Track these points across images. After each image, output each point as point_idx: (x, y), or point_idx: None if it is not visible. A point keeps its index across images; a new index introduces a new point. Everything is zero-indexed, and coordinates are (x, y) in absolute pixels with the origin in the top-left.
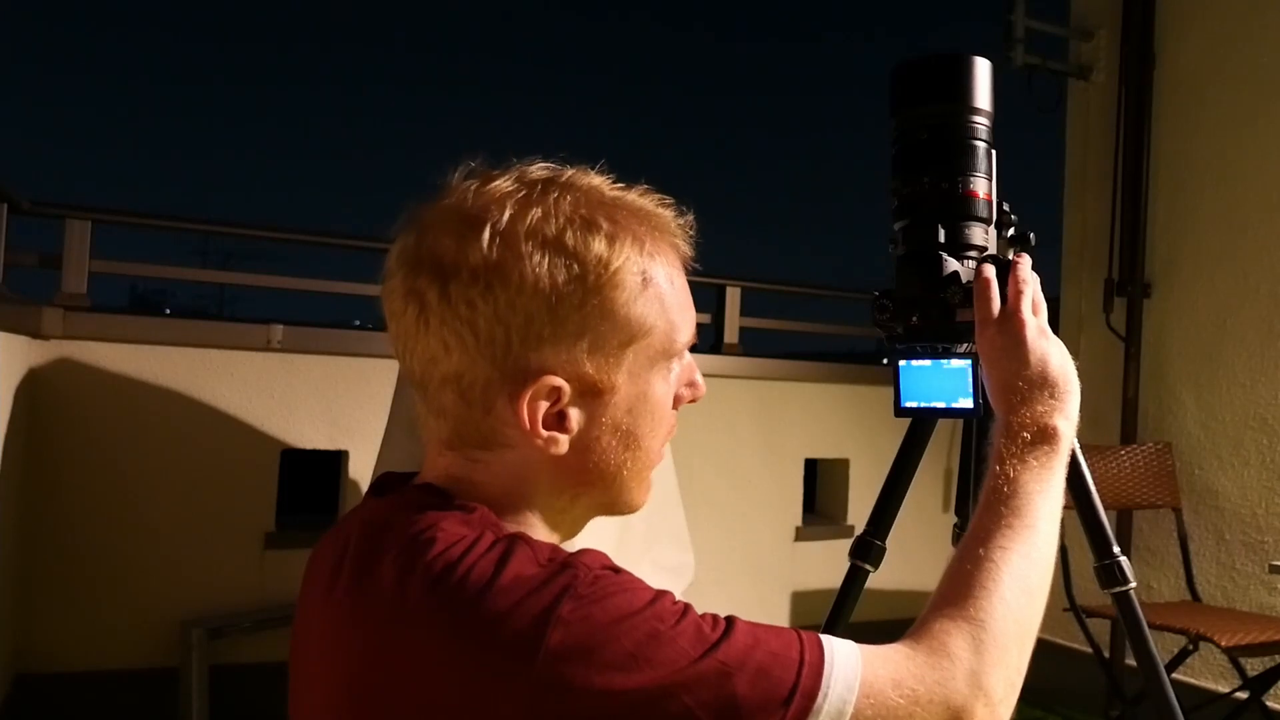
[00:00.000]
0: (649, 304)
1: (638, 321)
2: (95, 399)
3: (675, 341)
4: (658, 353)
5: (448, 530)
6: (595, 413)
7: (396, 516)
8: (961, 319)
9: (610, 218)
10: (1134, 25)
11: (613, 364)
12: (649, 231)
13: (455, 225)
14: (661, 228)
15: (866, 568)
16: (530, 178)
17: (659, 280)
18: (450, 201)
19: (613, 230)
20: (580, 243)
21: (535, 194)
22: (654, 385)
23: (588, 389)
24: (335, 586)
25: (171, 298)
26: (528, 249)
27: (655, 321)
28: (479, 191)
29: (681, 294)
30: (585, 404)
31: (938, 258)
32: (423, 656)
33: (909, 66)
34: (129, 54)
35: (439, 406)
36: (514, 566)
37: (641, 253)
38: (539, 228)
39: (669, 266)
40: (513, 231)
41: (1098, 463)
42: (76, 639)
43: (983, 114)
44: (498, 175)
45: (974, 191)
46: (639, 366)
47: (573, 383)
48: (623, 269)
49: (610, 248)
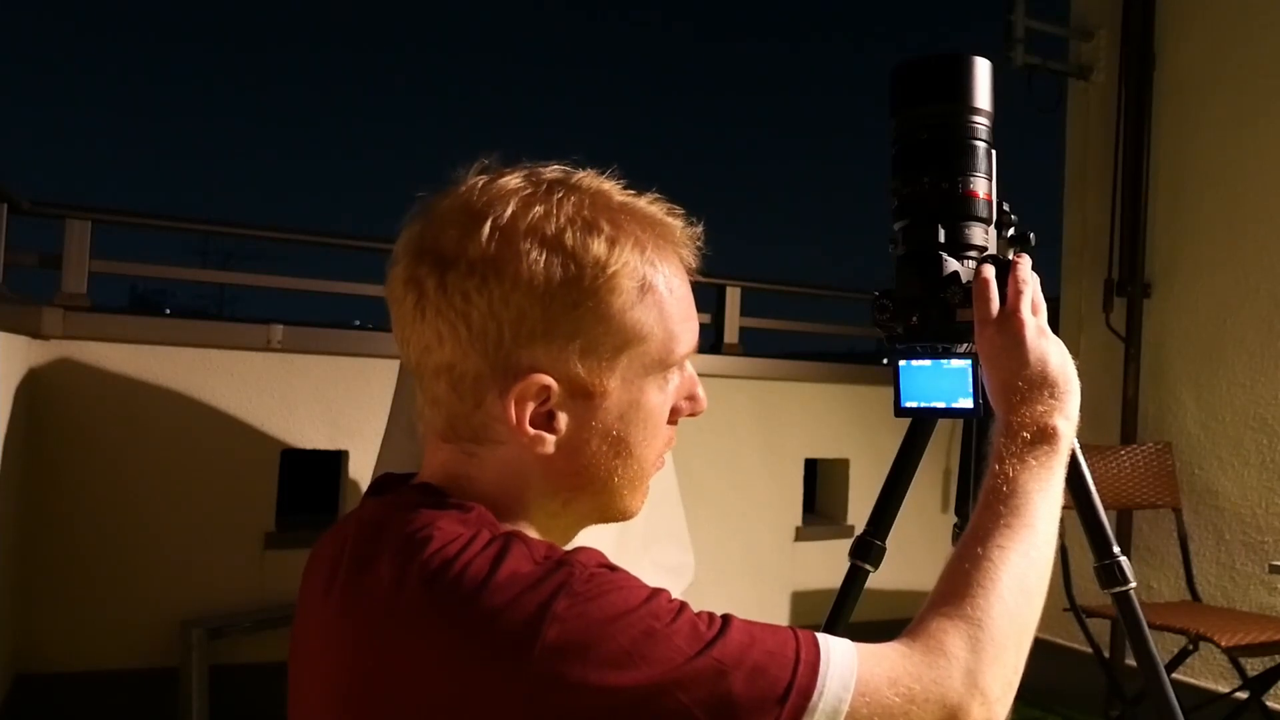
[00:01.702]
0: (646, 311)
1: (633, 327)
2: (95, 399)
3: (673, 351)
4: (654, 361)
5: (444, 528)
6: (585, 416)
7: (393, 515)
8: (961, 319)
9: (613, 222)
10: (1134, 25)
11: (605, 368)
12: (653, 238)
13: (460, 217)
14: (667, 235)
15: (866, 568)
16: (540, 177)
17: (659, 287)
18: (459, 194)
19: (614, 234)
20: (579, 243)
21: (540, 192)
22: (648, 394)
23: (578, 391)
24: (332, 585)
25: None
26: (525, 245)
27: (652, 329)
28: (487, 186)
29: (683, 304)
30: (575, 406)
31: (938, 258)
32: (419, 654)
33: (909, 66)
34: (129, 54)
35: (433, 396)
36: (510, 564)
37: (642, 259)
38: (539, 225)
39: (671, 275)
40: (513, 227)
41: (1098, 463)
42: (76, 639)
43: (983, 114)
44: (509, 172)
45: (974, 191)
46: (633, 373)
47: (563, 383)
48: (620, 273)
49: (610, 251)
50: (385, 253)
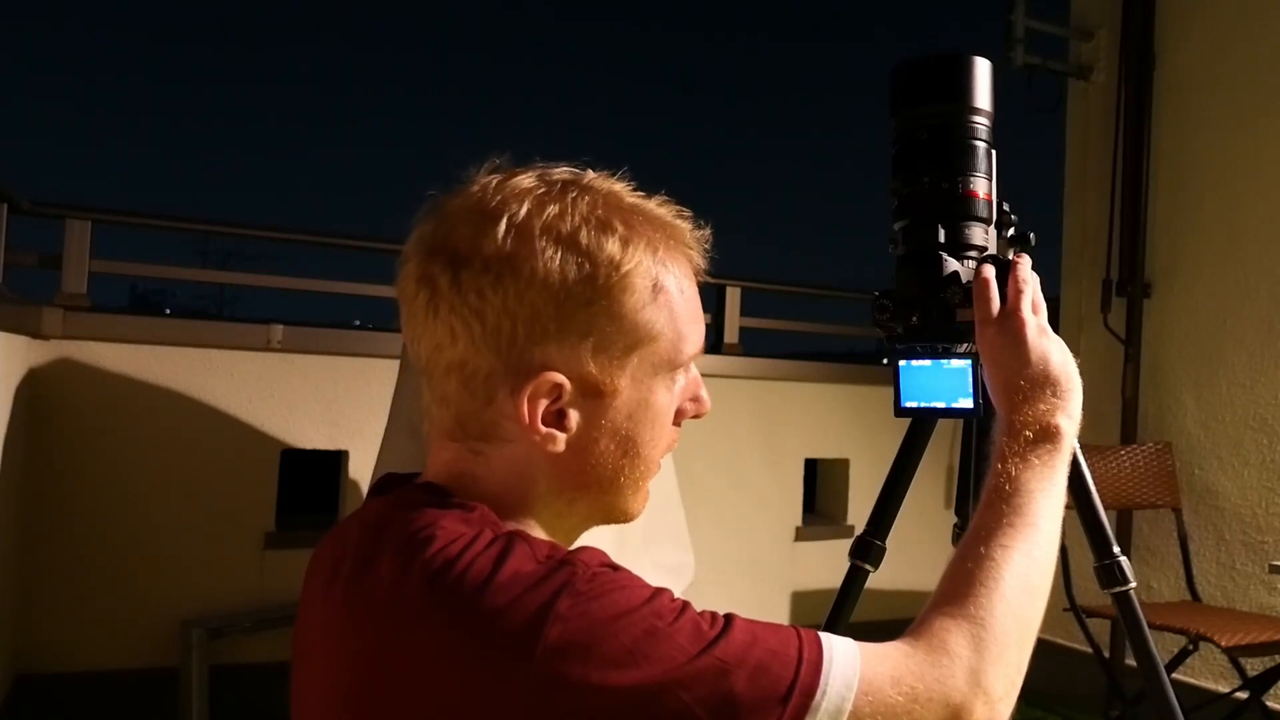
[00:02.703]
0: (658, 311)
1: (645, 327)
2: (95, 399)
3: (682, 352)
4: (663, 361)
5: (447, 528)
6: (595, 415)
7: (396, 515)
8: (961, 319)
9: (626, 222)
10: (1134, 25)
11: (616, 367)
12: (664, 240)
13: (473, 216)
14: (677, 237)
15: (866, 568)
16: (552, 177)
17: (670, 288)
18: (472, 193)
19: (627, 234)
20: (594, 242)
21: (554, 192)
22: (656, 393)
23: (589, 390)
24: (334, 585)
25: (171, 298)
26: (541, 244)
27: (663, 329)
28: (500, 185)
29: (692, 305)
30: (586, 405)
31: (938, 258)
32: (421, 653)
33: (909, 66)
34: (129, 54)
35: (443, 394)
36: (513, 563)
37: (654, 259)
38: (554, 224)
39: (681, 276)
40: (528, 226)
41: (1098, 463)
42: (76, 639)
43: (983, 114)
44: (521, 172)
45: (974, 191)
46: (643, 373)
47: (575, 382)
48: (634, 273)
49: (624, 250)
50: (386, 253)
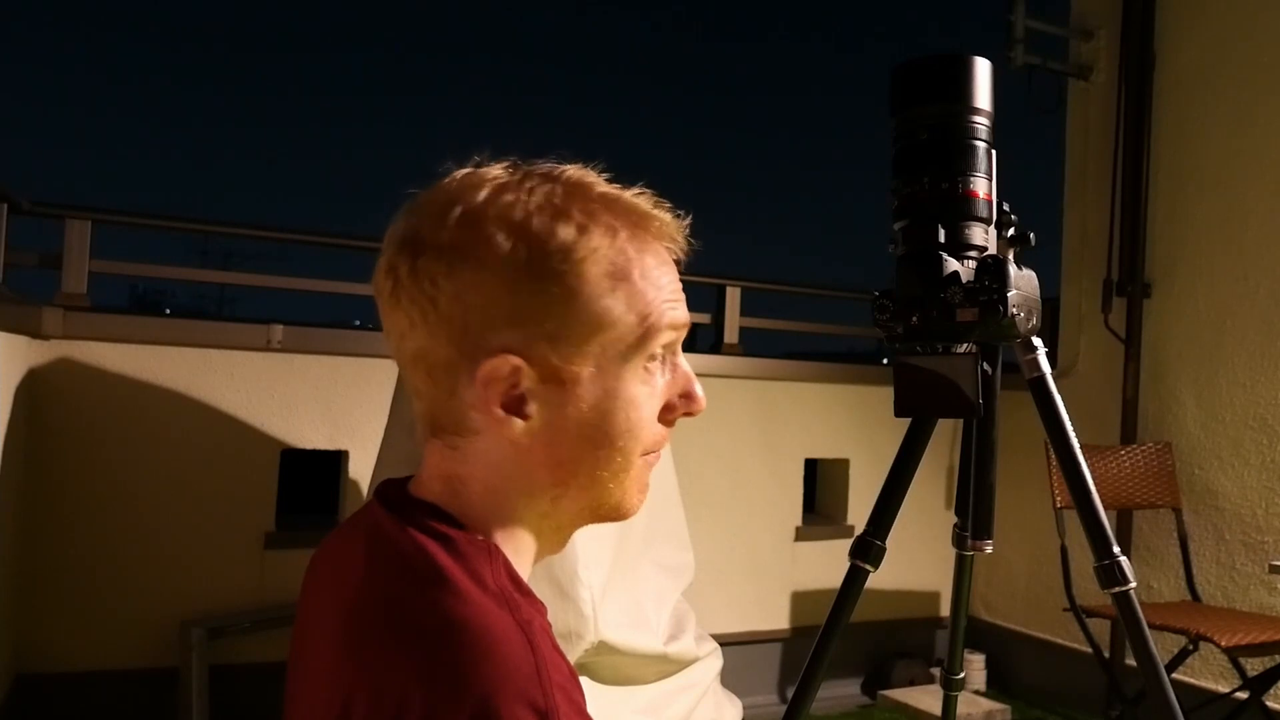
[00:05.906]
0: (616, 298)
1: (604, 314)
2: (95, 399)
3: (650, 338)
4: (629, 348)
5: (438, 564)
6: (559, 404)
7: (397, 535)
8: (961, 319)
9: (586, 210)
10: (1134, 25)
11: (576, 354)
12: (630, 227)
13: (435, 207)
14: (645, 225)
15: (866, 568)
16: (521, 169)
17: (632, 275)
18: (441, 185)
19: (584, 221)
20: (546, 229)
21: (515, 181)
22: (626, 382)
23: (550, 377)
24: (328, 591)
25: (171, 298)
26: (490, 230)
27: (622, 315)
28: (466, 176)
29: (662, 291)
30: (548, 393)
31: (938, 258)
32: (391, 692)
33: (909, 67)
34: (129, 55)
35: (415, 387)
36: (484, 637)
37: (613, 245)
38: (506, 212)
39: (649, 263)
40: (480, 213)
41: (1098, 463)
42: (76, 639)
43: (983, 114)
44: (493, 165)
45: (974, 191)
46: (608, 361)
47: (534, 367)
48: (588, 259)
49: (578, 236)
50: None
